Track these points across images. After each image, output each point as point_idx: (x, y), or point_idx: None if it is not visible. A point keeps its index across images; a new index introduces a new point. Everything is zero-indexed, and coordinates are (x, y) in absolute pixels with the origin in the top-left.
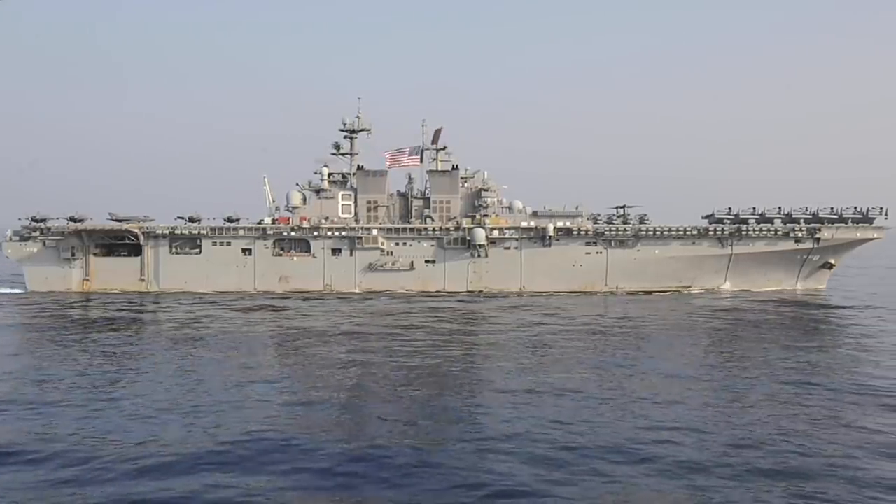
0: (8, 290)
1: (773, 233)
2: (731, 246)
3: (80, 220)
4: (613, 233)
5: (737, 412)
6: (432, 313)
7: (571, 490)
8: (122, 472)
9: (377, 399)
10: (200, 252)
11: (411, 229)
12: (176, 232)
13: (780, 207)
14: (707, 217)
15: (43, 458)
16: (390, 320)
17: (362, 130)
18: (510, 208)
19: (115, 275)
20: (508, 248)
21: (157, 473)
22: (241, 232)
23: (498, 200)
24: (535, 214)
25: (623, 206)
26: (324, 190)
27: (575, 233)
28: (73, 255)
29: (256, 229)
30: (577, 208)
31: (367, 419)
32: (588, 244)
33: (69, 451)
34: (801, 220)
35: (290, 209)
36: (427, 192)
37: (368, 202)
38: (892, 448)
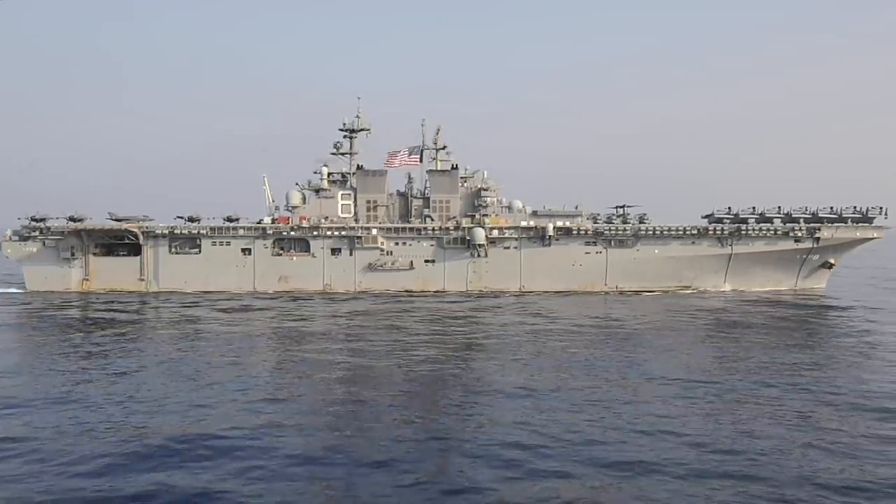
0: (6, 290)
1: (772, 232)
2: (731, 245)
3: (80, 220)
4: (613, 232)
5: (704, 412)
6: (423, 314)
7: (525, 489)
8: (75, 470)
9: (347, 399)
10: (200, 252)
11: (411, 229)
12: (175, 232)
13: (779, 207)
14: (707, 217)
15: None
16: (375, 321)
17: (362, 130)
18: (510, 208)
19: (114, 274)
20: (508, 248)
21: (111, 470)
22: (241, 232)
23: (497, 200)
24: (534, 214)
25: (623, 206)
26: (323, 190)
27: (574, 232)
28: (72, 254)
29: (256, 229)
30: (576, 208)
31: (332, 419)
32: (588, 244)
33: (30, 450)
34: (801, 220)
35: (290, 209)
36: (427, 191)
37: (368, 202)
38: (853, 448)
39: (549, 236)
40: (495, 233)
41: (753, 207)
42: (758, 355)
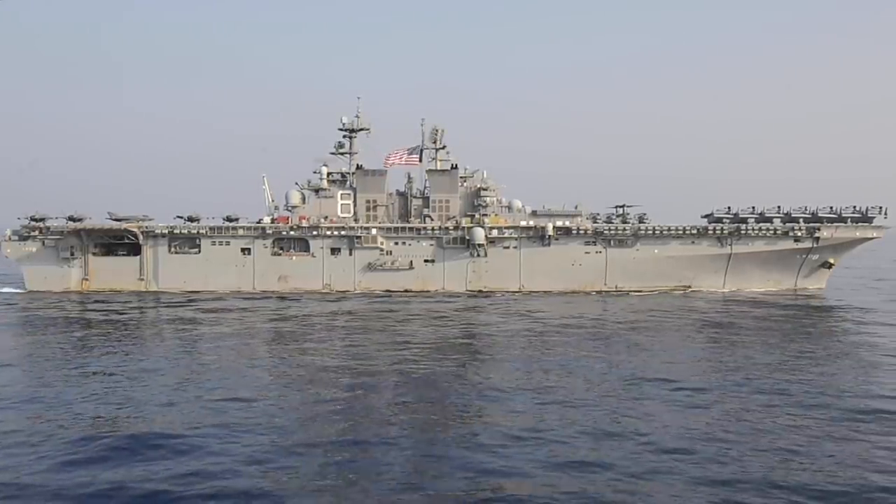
0: (5, 290)
1: (772, 232)
2: (731, 245)
3: (80, 220)
4: (613, 232)
5: (670, 412)
6: (409, 314)
7: (482, 488)
8: (36, 467)
9: (315, 400)
10: (199, 252)
11: (410, 229)
12: (175, 231)
13: (779, 207)
14: (706, 216)
15: None
16: (359, 322)
17: (361, 130)
18: (509, 208)
19: (114, 274)
20: (508, 248)
21: (71, 467)
22: (241, 231)
23: (497, 200)
24: (534, 214)
25: (622, 206)
26: (323, 189)
27: (574, 232)
28: (72, 254)
29: (255, 229)
30: (576, 208)
31: (299, 418)
32: (587, 244)
33: None
34: (801, 220)
35: (290, 209)
36: (426, 191)
37: (367, 201)
38: (816, 449)
39: (549, 236)
40: (495, 232)
41: (753, 207)
42: (735, 355)
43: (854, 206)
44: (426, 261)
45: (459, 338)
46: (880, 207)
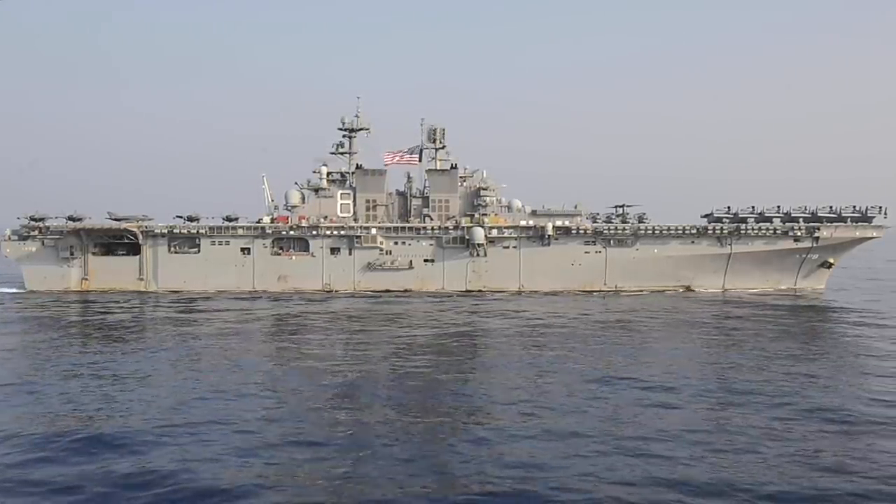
0: (4, 290)
1: (772, 232)
2: (730, 245)
3: (79, 220)
4: (612, 232)
5: (638, 415)
6: (393, 315)
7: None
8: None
9: (286, 399)
10: (199, 251)
11: (410, 228)
12: (175, 231)
13: (779, 206)
14: (706, 216)
15: None
16: (343, 323)
17: (361, 129)
18: (509, 207)
19: (113, 274)
20: (507, 248)
21: (35, 462)
22: (240, 231)
23: (497, 199)
24: (533, 214)
25: (622, 206)
26: (322, 189)
27: (574, 232)
28: (71, 254)
29: (255, 228)
30: (575, 207)
31: (259, 420)
32: (587, 243)
33: None
34: (800, 220)
35: (289, 208)
36: (426, 191)
37: (367, 201)
38: (768, 449)
39: (549, 236)
40: (494, 232)
41: (753, 207)
42: (714, 355)
43: (854, 206)
44: (426, 260)
45: (446, 338)
46: (880, 207)
